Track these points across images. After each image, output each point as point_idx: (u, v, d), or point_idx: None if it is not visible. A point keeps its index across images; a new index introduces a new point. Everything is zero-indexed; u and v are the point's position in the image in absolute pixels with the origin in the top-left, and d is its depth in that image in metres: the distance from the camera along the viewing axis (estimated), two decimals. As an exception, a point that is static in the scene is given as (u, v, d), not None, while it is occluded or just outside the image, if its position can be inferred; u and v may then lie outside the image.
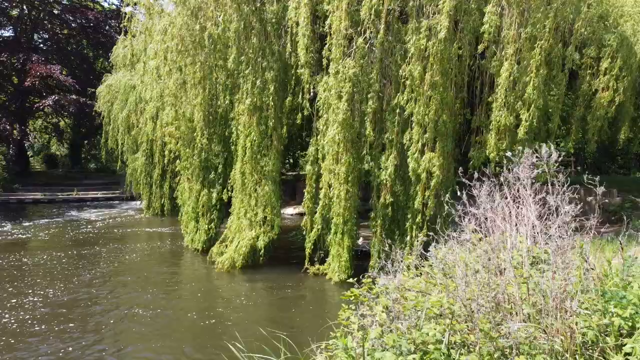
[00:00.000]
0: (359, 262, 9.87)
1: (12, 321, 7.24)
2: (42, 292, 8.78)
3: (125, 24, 25.86)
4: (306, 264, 10.09)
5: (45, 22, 32.09)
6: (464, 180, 4.13)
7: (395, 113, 8.74)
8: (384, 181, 8.99)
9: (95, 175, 35.64)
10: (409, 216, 8.97)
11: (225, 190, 11.30)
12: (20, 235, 15.25)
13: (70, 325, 7.15)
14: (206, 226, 11.85)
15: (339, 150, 8.87)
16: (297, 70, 9.50)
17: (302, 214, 14.11)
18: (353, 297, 3.70)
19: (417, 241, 8.98)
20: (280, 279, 10.02)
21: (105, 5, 34.63)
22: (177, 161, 12.50)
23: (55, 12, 31.23)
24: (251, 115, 10.06)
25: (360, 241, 11.05)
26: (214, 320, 7.56)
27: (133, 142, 21.34)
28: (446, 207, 9.01)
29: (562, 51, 8.34)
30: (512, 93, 7.58)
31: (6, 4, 29.52)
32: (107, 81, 24.08)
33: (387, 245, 9.32)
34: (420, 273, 4.38)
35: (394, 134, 8.81)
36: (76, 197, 27.69)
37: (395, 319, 3.18)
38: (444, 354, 2.59)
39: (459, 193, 4.10)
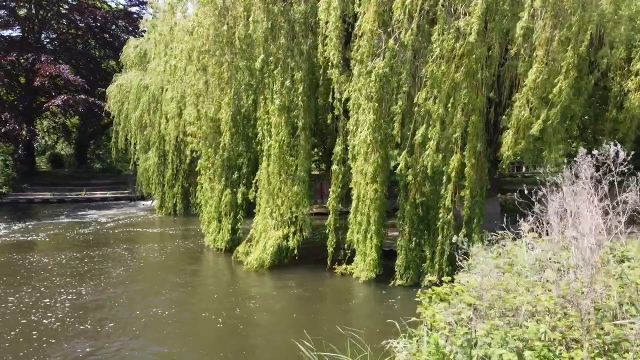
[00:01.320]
0: (385, 261, 9.91)
1: (53, 321, 7.26)
2: (73, 291, 8.82)
3: (142, 24, 25.86)
4: (329, 263, 10.14)
5: (53, 22, 32.08)
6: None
7: (424, 113, 8.78)
8: (413, 181, 9.04)
9: (101, 175, 35.63)
10: (440, 216, 9.01)
11: (250, 189, 11.32)
12: (37, 236, 15.27)
13: (101, 324, 7.19)
14: (230, 226, 11.89)
15: (367, 150, 8.92)
16: (328, 71, 9.54)
17: (321, 214, 14.16)
18: (434, 295, 3.73)
19: (448, 241, 9.08)
20: (308, 278, 10.07)
21: (112, 5, 34.59)
22: (199, 161, 12.51)
23: (63, 11, 31.22)
24: (280, 115, 10.10)
25: (387, 240, 11.08)
26: (249, 320, 7.61)
27: (145, 142, 21.35)
28: (477, 209, 9.10)
29: (591, 53, 8.40)
30: (539, 94, 7.62)
31: (13, 3, 29.49)
32: (118, 81, 24.06)
33: (414, 244, 9.49)
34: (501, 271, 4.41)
35: (423, 134, 8.84)
36: (85, 197, 27.71)
37: (484, 317, 3.22)
38: (551, 351, 2.63)
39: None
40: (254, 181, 11.36)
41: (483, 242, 8.93)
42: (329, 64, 9.60)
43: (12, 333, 6.53)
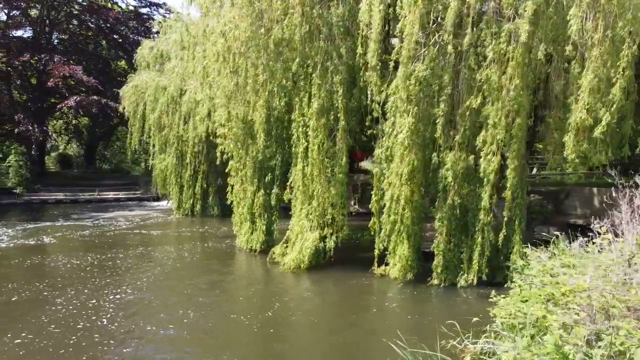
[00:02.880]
0: (421, 262, 10.00)
1: (106, 322, 7.32)
2: (117, 291, 8.88)
3: (156, 25, 25.95)
4: (375, 265, 10.20)
5: (63, 22, 32.11)
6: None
7: (466, 115, 8.87)
8: (452, 183, 9.12)
9: (111, 175, 35.66)
10: (479, 217, 9.10)
11: (285, 191, 11.40)
12: (61, 237, 15.29)
13: (155, 324, 7.25)
14: (264, 227, 11.96)
15: (404, 152, 9.01)
16: (367, 73, 9.62)
17: (356, 214, 14.25)
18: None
19: (488, 242, 9.13)
20: (347, 279, 10.14)
21: (123, 6, 34.61)
22: (230, 162, 12.57)
23: (74, 12, 31.25)
24: (318, 117, 10.18)
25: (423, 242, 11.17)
26: (292, 321, 7.68)
27: (162, 143, 21.40)
28: (518, 210, 9.17)
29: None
30: (594, 94, 7.71)
31: (23, 4, 29.49)
32: (133, 82, 24.09)
33: (452, 245, 9.57)
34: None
35: (464, 136, 8.95)
36: (98, 197, 27.75)
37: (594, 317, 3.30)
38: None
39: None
40: (288, 183, 11.44)
41: (524, 243, 9.08)
42: (368, 66, 9.70)
43: (73, 337, 6.56)
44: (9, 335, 6.49)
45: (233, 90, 11.81)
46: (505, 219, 8.86)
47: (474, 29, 8.67)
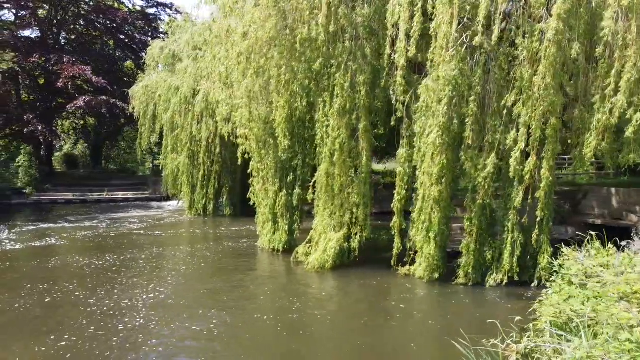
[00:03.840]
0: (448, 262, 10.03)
1: (143, 322, 7.32)
2: (148, 290, 8.89)
3: (166, 26, 25.97)
4: (393, 263, 10.26)
5: (70, 22, 32.13)
6: None
7: (497, 115, 8.89)
8: (482, 182, 9.14)
9: (118, 175, 35.67)
10: (510, 217, 9.13)
11: (308, 191, 11.42)
12: (78, 237, 15.30)
13: (184, 325, 7.26)
14: (286, 227, 11.98)
15: (434, 152, 9.03)
16: (394, 73, 9.64)
17: (376, 214, 14.24)
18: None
19: (517, 242, 9.15)
20: (371, 279, 10.15)
21: (130, 6, 34.61)
22: (251, 162, 12.60)
23: (82, 12, 31.25)
24: (341, 117, 10.19)
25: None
26: (317, 320, 7.69)
27: (174, 143, 21.40)
28: (547, 210, 9.18)
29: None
30: (625, 94, 7.74)
31: (31, 4, 29.47)
32: (143, 82, 24.11)
33: (480, 244, 9.59)
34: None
35: (494, 136, 8.96)
36: (107, 197, 27.76)
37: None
38: None
39: None
40: (311, 183, 11.46)
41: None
42: (394, 66, 9.73)
43: (115, 339, 6.55)
44: (52, 337, 6.47)
45: (255, 90, 11.85)
46: (538, 219, 8.87)
47: (504, 28, 8.70)
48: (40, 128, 26.73)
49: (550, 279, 6.78)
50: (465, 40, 8.94)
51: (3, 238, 14.83)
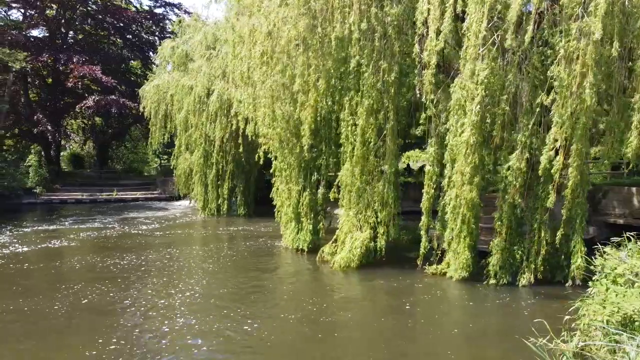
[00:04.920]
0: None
1: (183, 322, 7.31)
2: (181, 289, 8.87)
3: (175, 26, 25.95)
4: (420, 262, 10.29)
5: (77, 22, 32.09)
6: None
7: (529, 115, 8.90)
8: (512, 182, 9.15)
9: (125, 175, 35.72)
10: (539, 216, 9.13)
11: (332, 190, 11.42)
12: (94, 237, 15.27)
13: (226, 325, 7.24)
14: (310, 226, 11.98)
15: (467, 151, 9.02)
16: (423, 71, 9.64)
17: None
18: None
19: (544, 241, 9.15)
20: (398, 279, 10.14)
21: (137, 6, 34.54)
22: (274, 162, 12.59)
23: (90, 12, 31.20)
24: (368, 116, 10.19)
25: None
26: (347, 320, 7.69)
27: (186, 143, 21.38)
28: (578, 209, 9.16)
29: None
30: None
31: (39, 3, 29.43)
32: (154, 81, 24.09)
33: (509, 244, 9.58)
34: None
35: (525, 135, 8.97)
36: (116, 197, 27.76)
37: None
38: None
39: None
40: (335, 182, 11.46)
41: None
42: (421, 65, 9.73)
43: (164, 341, 6.51)
44: (100, 341, 6.39)
45: (280, 90, 11.85)
46: (564, 217, 8.88)
47: (537, 27, 8.69)
48: (50, 128, 26.70)
49: (593, 278, 6.77)
50: (496, 39, 8.94)
51: (22, 239, 14.81)
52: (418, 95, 10.42)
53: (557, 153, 8.82)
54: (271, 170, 12.74)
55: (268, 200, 13.56)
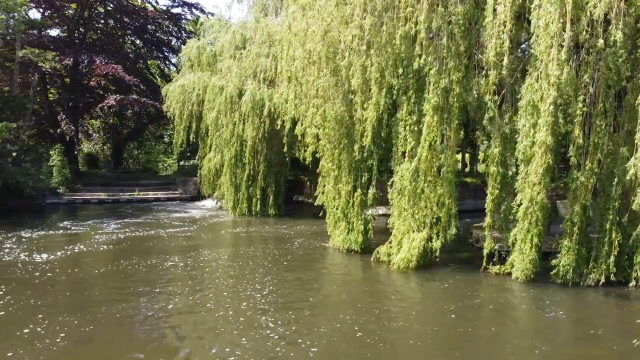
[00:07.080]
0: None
1: (241, 326, 7.24)
2: (232, 291, 8.76)
3: (194, 26, 25.69)
4: (485, 263, 10.23)
5: (95, 21, 32.01)
6: None
7: (603, 116, 8.85)
8: (585, 182, 9.09)
9: (144, 175, 35.56)
10: (609, 217, 9.09)
11: (389, 191, 11.32)
12: (126, 238, 14.93)
13: (274, 326, 7.17)
14: (361, 227, 11.90)
15: (543, 152, 8.95)
16: (489, 72, 9.58)
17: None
18: None
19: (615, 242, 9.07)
20: (461, 279, 10.08)
21: (155, 5, 34.46)
22: (322, 162, 12.52)
23: (109, 11, 31.13)
24: (433, 116, 10.12)
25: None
26: (413, 323, 7.62)
27: (218, 142, 21.28)
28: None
29: None
30: None
31: (58, 3, 29.29)
32: (179, 81, 24.02)
33: (578, 244, 9.51)
34: None
35: (599, 136, 8.91)
36: (139, 197, 27.64)
37: None
38: None
39: None
40: (388, 182, 11.37)
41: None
42: (488, 66, 9.67)
43: (224, 346, 6.43)
44: (155, 344, 6.34)
45: (331, 90, 11.79)
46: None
47: (610, 28, 8.62)
48: (73, 128, 26.61)
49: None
50: (569, 39, 8.86)
51: (53, 239, 14.47)
52: (476, 96, 10.37)
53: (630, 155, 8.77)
54: (316, 170, 12.63)
55: (291, 200, 13.41)
